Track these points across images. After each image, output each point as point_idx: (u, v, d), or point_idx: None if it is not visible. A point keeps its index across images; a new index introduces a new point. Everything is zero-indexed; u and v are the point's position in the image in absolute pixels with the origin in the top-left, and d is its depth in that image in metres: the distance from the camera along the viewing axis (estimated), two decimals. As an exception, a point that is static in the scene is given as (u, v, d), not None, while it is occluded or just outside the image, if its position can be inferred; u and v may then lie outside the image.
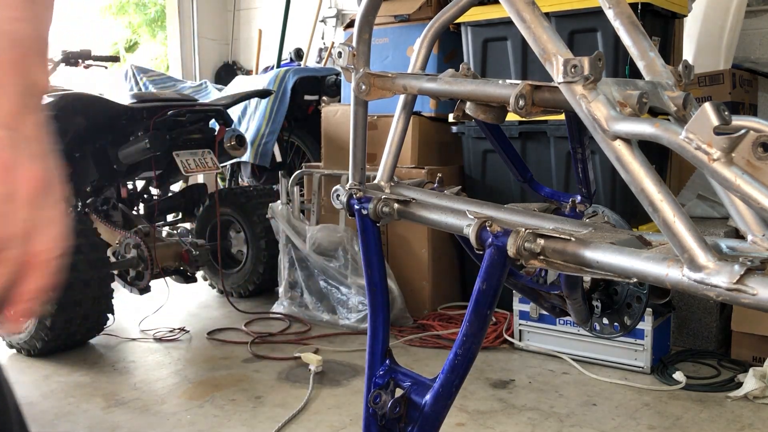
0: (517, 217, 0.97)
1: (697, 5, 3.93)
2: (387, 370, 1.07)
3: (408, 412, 1.02)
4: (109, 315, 3.31)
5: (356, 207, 1.08)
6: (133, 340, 3.51)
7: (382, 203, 1.07)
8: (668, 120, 0.79)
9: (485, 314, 0.93)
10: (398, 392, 1.05)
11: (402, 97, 1.11)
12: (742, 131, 0.67)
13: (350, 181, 1.12)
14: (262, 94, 4.15)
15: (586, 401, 2.70)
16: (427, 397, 0.99)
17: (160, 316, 3.83)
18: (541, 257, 0.86)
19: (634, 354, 2.94)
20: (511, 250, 0.86)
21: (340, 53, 1.05)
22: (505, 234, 0.87)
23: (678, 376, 2.81)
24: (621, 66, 3.10)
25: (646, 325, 2.90)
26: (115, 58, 4.64)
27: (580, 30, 3.22)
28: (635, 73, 1.00)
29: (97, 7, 9.74)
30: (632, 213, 3.12)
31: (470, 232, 0.90)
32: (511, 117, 1.01)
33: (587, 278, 1.08)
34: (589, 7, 3.10)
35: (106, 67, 4.48)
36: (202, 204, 4.20)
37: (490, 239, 0.89)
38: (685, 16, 3.59)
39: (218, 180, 5.40)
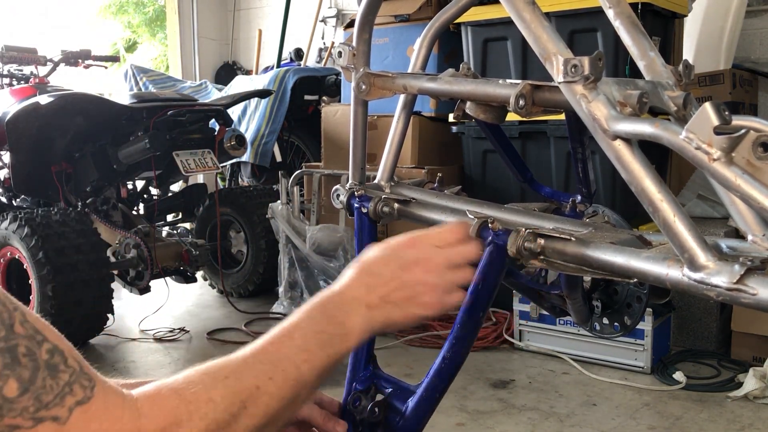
0: (517, 217, 0.97)
1: (697, 5, 3.93)
2: (369, 375, 1.04)
3: (387, 418, 0.97)
4: (109, 315, 3.31)
5: (356, 205, 1.08)
6: (133, 340, 3.50)
7: (382, 203, 1.06)
8: (668, 120, 0.79)
9: (478, 316, 0.90)
10: (379, 398, 1.00)
11: (402, 97, 1.11)
12: (743, 131, 0.67)
13: (350, 181, 1.12)
14: (262, 94, 4.15)
15: (586, 401, 2.70)
16: (409, 402, 0.95)
17: (160, 316, 3.82)
18: (541, 257, 0.86)
19: (634, 354, 2.94)
20: (511, 250, 0.86)
21: (340, 53, 1.05)
22: (506, 233, 0.87)
23: (678, 376, 2.81)
24: (621, 66, 3.09)
25: (646, 325, 2.90)
26: (115, 58, 4.65)
27: (580, 30, 3.22)
28: (635, 73, 1.00)
29: (96, 7, 9.73)
30: (632, 213, 3.11)
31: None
32: (511, 117, 1.01)
33: (587, 278, 1.07)
34: (589, 7, 3.10)
35: (106, 67, 4.49)
36: (202, 204, 4.19)
37: (490, 237, 0.88)
38: (685, 16, 3.59)
39: (218, 180, 5.40)
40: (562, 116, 1.01)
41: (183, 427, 0.59)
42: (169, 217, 4.48)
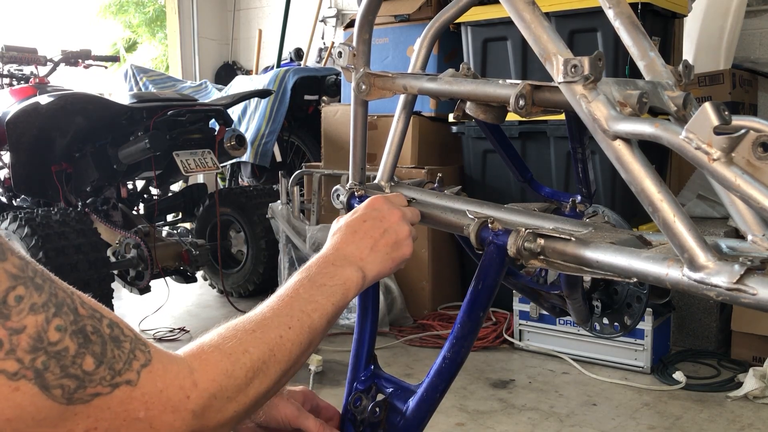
0: (517, 217, 0.97)
1: (697, 5, 3.93)
2: (370, 375, 1.03)
3: (388, 418, 0.97)
4: (109, 315, 3.30)
5: (356, 205, 1.08)
6: (133, 340, 3.50)
7: (382, 203, 1.06)
8: (668, 120, 0.79)
9: (478, 316, 0.90)
10: (380, 398, 1.00)
11: (402, 97, 1.10)
12: (742, 131, 0.66)
13: (350, 181, 1.12)
14: (262, 94, 4.15)
15: (586, 401, 2.70)
16: (410, 402, 0.95)
17: (160, 316, 3.82)
18: (541, 257, 0.85)
19: (634, 354, 2.94)
20: (511, 250, 0.86)
21: (340, 53, 1.05)
22: (506, 233, 0.87)
23: (678, 376, 2.81)
24: (621, 66, 3.10)
25: (646, 325, 2.90)
26: (115, 58, 4.65)
27: (580, 30, 3.22)
28: (635, 73, 1.00)
29: (96, 7, 9.73)
30: (632, 213, 3.12)
31: (470, 232, 0.90)
32: (511, 117, 1.01)
33: (587, 278, 1.07)
34: (589, 7, 3.10)
35: (106, 67, 4.49)
36: (202, 204, 4.19)
37: (490, 237, 0.88)
38: (685, 16, 3.59)
39: (218, 180, 5.40)
40: (562, 116, 1.01)
41: (230, 377, 0.68)
42: (169, 217, 4.48)
